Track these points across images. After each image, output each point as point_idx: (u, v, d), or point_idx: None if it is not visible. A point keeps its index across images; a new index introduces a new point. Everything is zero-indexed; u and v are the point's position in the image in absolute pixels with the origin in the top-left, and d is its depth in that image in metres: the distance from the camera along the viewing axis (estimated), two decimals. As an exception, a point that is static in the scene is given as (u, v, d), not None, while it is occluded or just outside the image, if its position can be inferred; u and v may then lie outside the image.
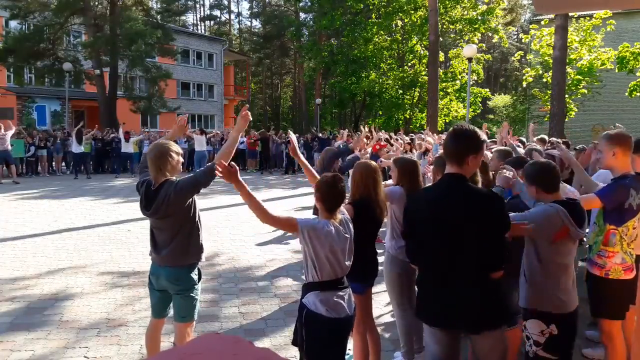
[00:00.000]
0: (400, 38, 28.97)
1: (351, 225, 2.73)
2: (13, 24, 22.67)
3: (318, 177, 2.89)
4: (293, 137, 3.74)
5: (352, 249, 2.70)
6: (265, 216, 2.54)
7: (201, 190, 3.01)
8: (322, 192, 2.62)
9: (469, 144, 2.37)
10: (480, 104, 28.38)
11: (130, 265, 6.03)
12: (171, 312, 3.17)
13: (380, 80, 27.76)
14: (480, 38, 27.72)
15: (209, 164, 2.97)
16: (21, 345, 3.83)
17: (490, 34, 29.37)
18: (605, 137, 3.21)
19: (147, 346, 3.27)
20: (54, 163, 16.97)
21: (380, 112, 30.16)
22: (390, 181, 3.94)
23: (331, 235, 2.54)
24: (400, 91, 27.80)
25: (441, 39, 26.00)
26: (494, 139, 7.44)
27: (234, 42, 52.55)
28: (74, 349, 3.79)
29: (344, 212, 2.76)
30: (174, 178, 3.00)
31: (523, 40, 23.64)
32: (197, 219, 3.06)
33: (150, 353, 3.23)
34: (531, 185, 2.79)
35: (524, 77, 21.27)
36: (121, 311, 4.58)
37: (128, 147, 16.38)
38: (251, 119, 2.86)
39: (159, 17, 25.83)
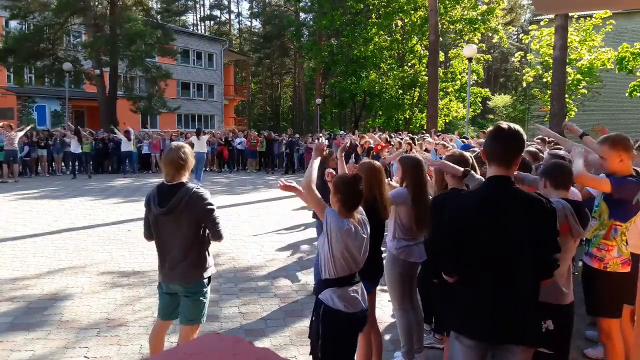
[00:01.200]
0: (400, 38, 28.97)
1: (368, 227, 2.74)
2: (13, 24, 22.68)
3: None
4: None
5: (367, 249, 2.71)
6: (309, 186, 2.65)
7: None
8: (341, 191, 2.63)
9: (519, 145, 2.24)
10: (480, 104, 28.41)
11: (130, 265, 6.03)
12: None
13: (380, 80, 27.76)
14: (480, 38, 27.71)
15: (218, 231, 3.02)
16: (21, 345, 3.83)
17: (490, 34, 29.39)
18: (609, 143, 3.23)
19: (150, 346, 3.27)
20: (54, 163, 16.99)
21: (380, 112, 30.16)
22: (394, 182, 3.94)
23: (350, 233, 2.56)
24: (400, 91, 27.80)
25: (441, 39, 26.00)
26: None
27: (234, 42, 52.56)
28: (74, 349, 3.79)
29: (362, 213, 2.77)
30: (186, 179, 3.07)
31: (523, 41, 23.63)
32: (206, 236, 3.11)
33: (153, 353, 3.24)
34: (541, 179, 2.93)
35: (524, 77, 21.28)
36: (121, 311, 4.58)
37: (129, 146, 16.38)
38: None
39: (159, 17, 25.87)
